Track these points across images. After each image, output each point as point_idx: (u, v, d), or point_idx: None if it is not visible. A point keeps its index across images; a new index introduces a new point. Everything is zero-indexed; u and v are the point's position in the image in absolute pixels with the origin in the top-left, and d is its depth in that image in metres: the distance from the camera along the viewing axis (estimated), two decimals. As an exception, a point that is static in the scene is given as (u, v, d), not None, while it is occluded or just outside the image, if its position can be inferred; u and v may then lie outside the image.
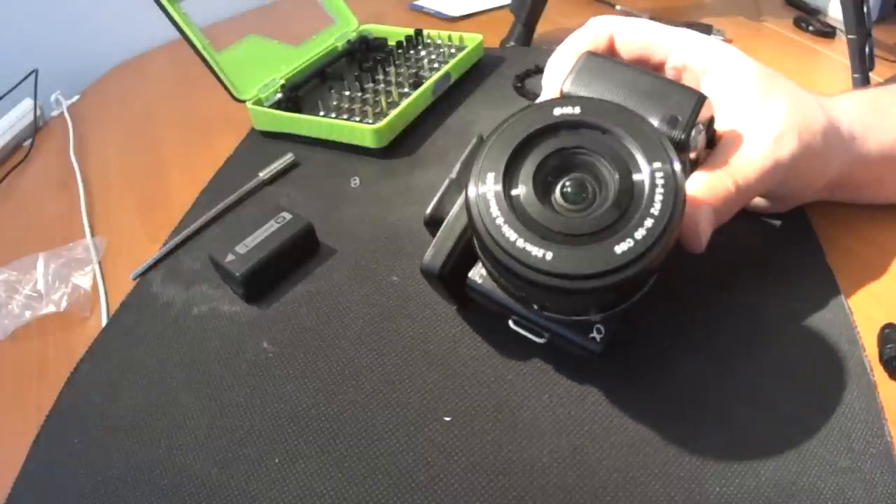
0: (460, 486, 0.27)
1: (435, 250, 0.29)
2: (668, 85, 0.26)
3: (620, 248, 0.21)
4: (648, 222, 0.21)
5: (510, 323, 0.28)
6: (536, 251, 0.22)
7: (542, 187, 0.23)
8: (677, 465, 0.26)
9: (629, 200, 0.22)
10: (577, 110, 0.24)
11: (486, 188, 0.23)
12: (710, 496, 0.25)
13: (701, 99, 0.26)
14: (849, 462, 0.25)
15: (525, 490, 0.26)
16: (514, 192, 0.23)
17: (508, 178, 0.23)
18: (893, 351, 0.28)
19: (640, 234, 0.21)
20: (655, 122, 0.25)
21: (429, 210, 0.30)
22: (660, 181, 0.22)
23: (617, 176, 0.23)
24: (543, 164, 0.23)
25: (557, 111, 0.24)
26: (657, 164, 0.22)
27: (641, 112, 0.25)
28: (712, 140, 0.29)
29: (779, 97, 0.29)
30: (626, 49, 0.31)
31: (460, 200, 0.29)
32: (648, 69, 0.29)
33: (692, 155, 0.27)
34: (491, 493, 0.26)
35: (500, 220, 0.22)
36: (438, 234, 0.29)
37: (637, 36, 0.30)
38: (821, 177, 0.31)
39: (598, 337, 0.26)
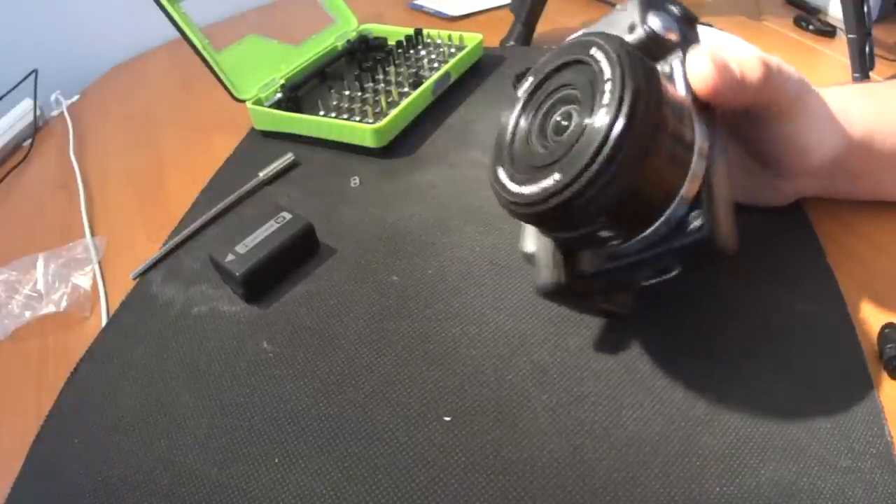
0: (460, 485, 0.27)
1: (543, 270, 0.28)
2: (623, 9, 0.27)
3: (599, 122, 0.22)
4: (615, 93, 0.22)
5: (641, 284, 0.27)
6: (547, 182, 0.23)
7: (540, 128, 0.25)
8: (677, 465, 0.26)
9: (595, 94, 0.23)
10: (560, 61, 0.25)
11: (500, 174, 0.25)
12: (710, 496, 0.25)
13: None
14: (849, 462, 0.25)
15: (525, 490, 0.26)
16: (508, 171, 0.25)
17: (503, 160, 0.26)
18: (893, 351, 0.28)
19: (606, 99, 0.22)
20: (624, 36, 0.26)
21: (522, 247, 0.31)
22: (616, 71, 0.22)
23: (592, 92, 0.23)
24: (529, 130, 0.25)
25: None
26: (615, 57, 0.22)
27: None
28: (692, 21, 0.28)
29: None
30: None
31: (534, 230, 0.29)
32: None
33: (671, 36, 0.26)
34: (490, 493, 0.26)
35: (511, 184, 0.24)
36: (537, 256, 0.29)
37: None
38: (815, 148, 0.30)
39: (696, 224, 0.25)
